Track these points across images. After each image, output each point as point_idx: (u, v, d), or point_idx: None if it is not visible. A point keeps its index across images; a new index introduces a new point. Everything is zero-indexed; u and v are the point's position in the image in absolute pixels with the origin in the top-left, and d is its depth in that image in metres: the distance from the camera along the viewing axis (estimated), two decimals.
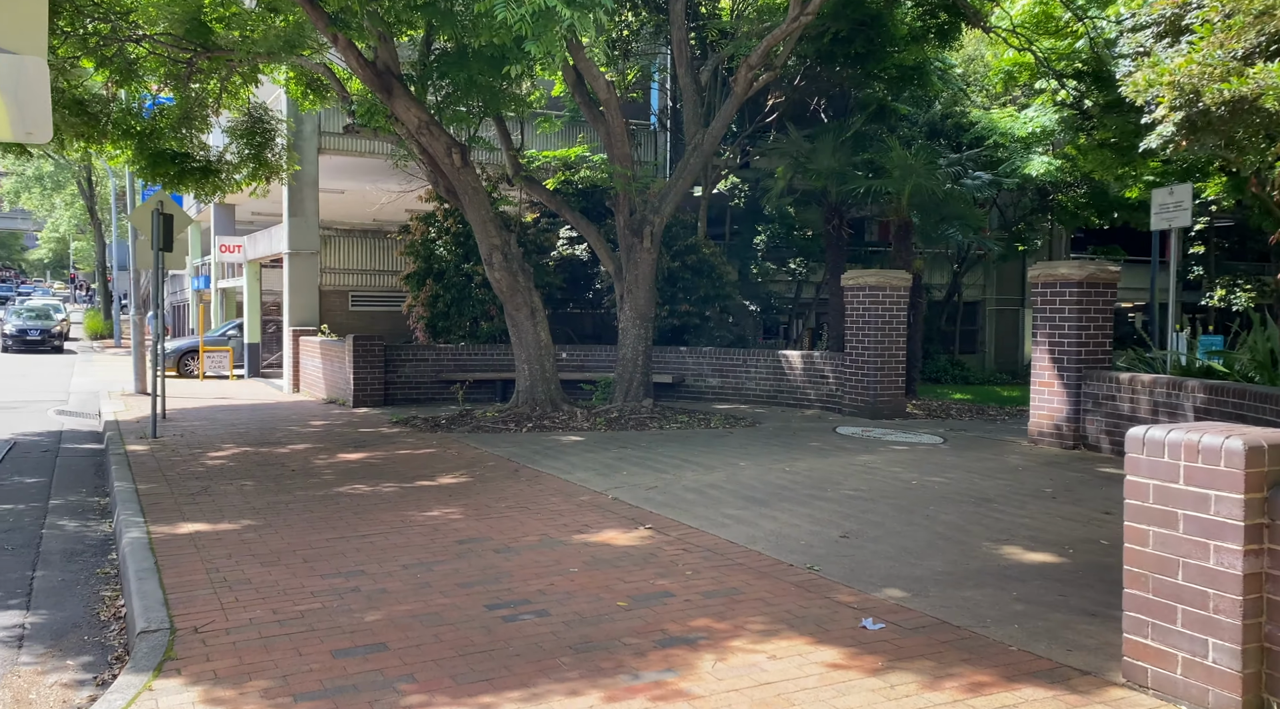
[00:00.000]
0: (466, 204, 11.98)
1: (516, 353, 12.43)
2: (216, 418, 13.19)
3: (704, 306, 16.23)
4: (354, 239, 20.13)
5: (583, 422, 11.70)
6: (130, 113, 14.55)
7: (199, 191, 15.24)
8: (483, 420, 11.83)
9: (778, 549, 6.05)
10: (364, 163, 20.19)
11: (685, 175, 12.68)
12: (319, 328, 18.49)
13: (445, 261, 16.08)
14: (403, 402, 15.05)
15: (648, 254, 12.62)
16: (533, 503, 7.42)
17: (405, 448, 10.27)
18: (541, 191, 13.73)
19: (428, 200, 16.65)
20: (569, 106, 19.31)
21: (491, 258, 12.03)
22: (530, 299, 12.27)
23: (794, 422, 12.46)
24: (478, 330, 16.23)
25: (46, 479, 8.99)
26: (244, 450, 10.13)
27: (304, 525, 6.65)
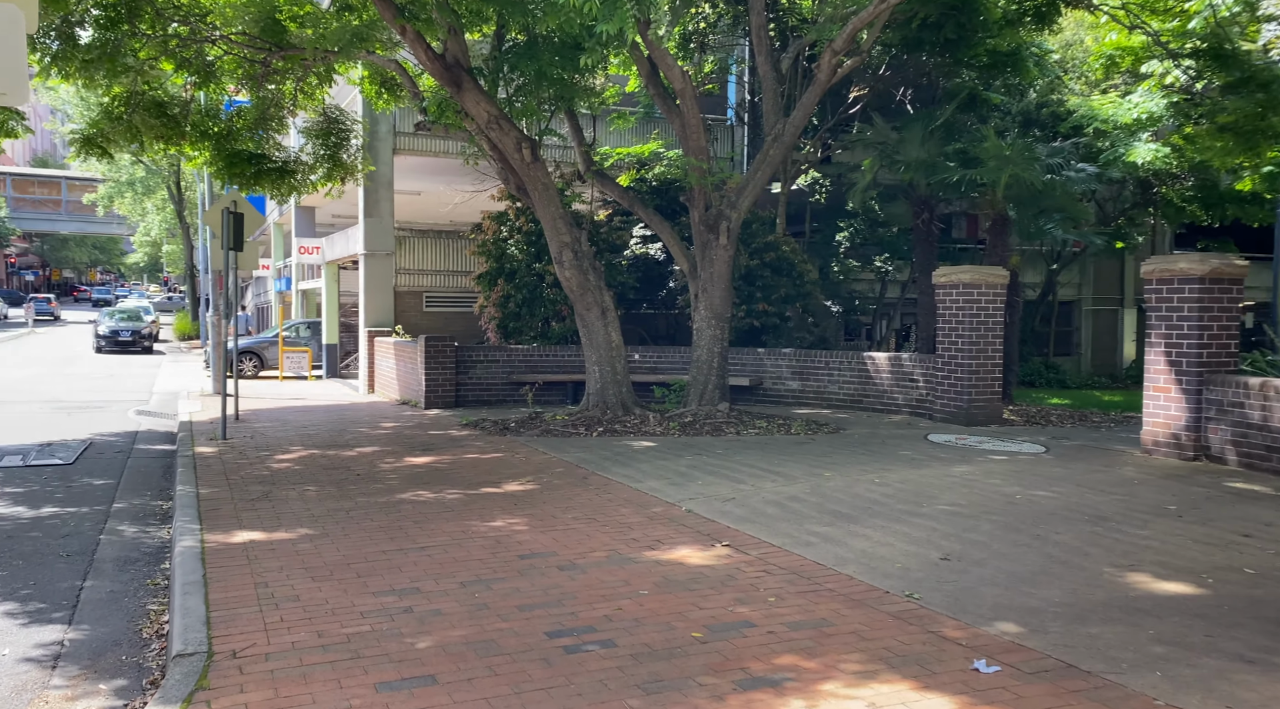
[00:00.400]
0: (536, 201, 11.61)
1: (587, 354, 12.01)
2: (288, 419, 13.11)
3: (783, 306, 15.58)
4: (429, 240, 20.05)
5: (655, 426, 11.21)
6: (208, 114, 14.64)
7: (274, 192, 15.27)
8: (552, 424, 11.44)
9: (871, 572, 5.45)
10: (438, 163, 20.10)
11: (764, 168, 12.08)
12: (393, 329, 18.44)
13: (517, 261, 15.79)
14: (474, 403, 14.80)
15: (724, 251, 12.06)
16: (601, 514, 6.95)
17: (472, 452, 9.93)
18: (613, 187, 13.29)
19: (500, 199, 16.39)
20: (643, 103, 18.87)
21: (561, 256, 11.64)
22: (601, 298, 11.83)
23: (881, 428, 11.74)
24: (549, 331, 15.90)
25: (115, 481, 8.90)
26: (311, 453, 9.92)
27: (362, 535, 6.30)
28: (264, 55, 13.45)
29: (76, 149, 13.27)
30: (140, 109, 13.79)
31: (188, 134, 14.42)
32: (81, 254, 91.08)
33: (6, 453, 10.16)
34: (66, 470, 9.40)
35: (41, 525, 7.05)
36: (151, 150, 14.58)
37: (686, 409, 11.97)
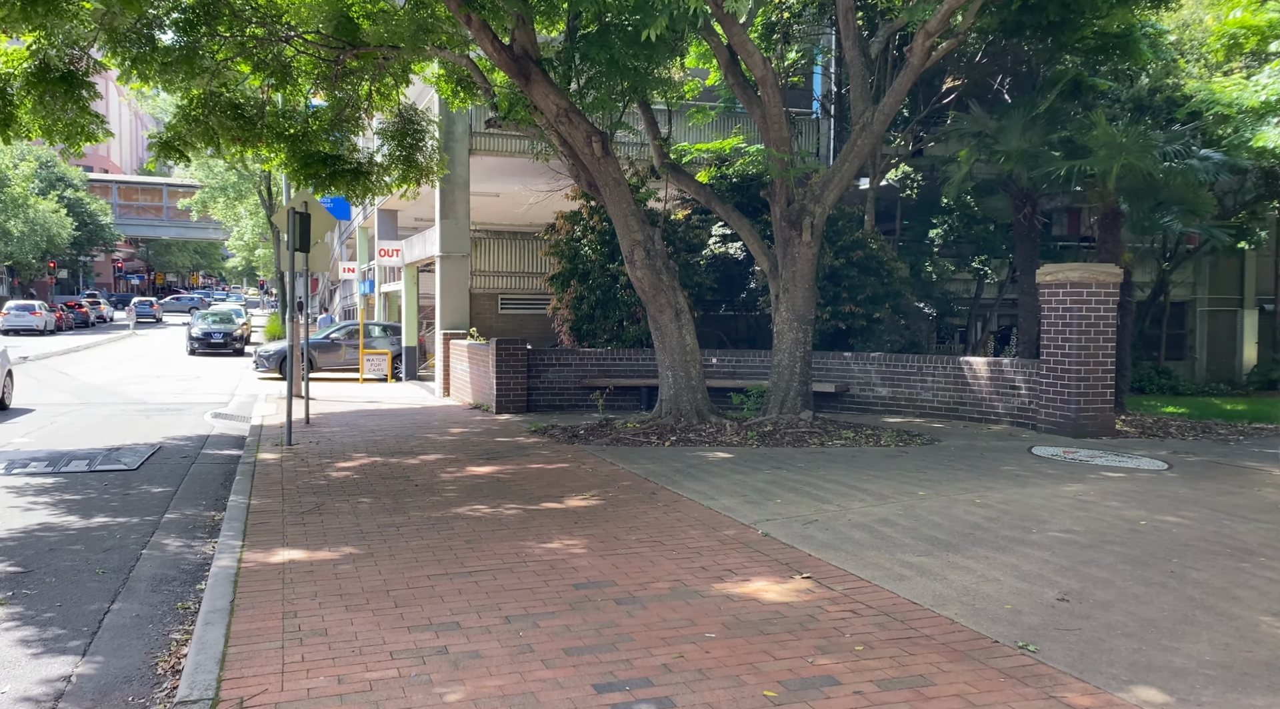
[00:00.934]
0: (607, 197, 11.07)
1: (659, 358, 11.40)
2: (358, 424, 12.87)
3: (871, 308, 14.69)
4: (504, 241, 19.76)
5: (732, 436, 10.53)
6: (284, 116, 14.55)
7: (349, 193, 15.09)
8: (622, 432, 10.86)
9: (976, 615, 4.70)
10: (514, 163, 19.79)
11: (851, 159, 11.28)
12: (468, 331, 18.18)
13: (590, 261, 15.29)
14: (545, 408, 14.35)
15: (807, 248, 11.31)
16: (668, 536, 6.33)
17: (538, 461, 9.42)
18: (689, 183, 12.66)
19: (574, 198, 15.93)
20: (724, 97, 18.20)
21: (633, 254, 11.06)
22: (674, 299, 11.21)
23: (979, 439, 10.82)
24: (623, 334, 15.36)
25: (173, 489, 8.68)
26: (373, 461, 9.57)
27: (408, 556, 5.82)
28: (337, 54, 13.28)
29: (155, 153, 13.29)
30: (217, 111, 13.76)
31: (263, 136, 14.34)
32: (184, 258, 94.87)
33: (74, 458, 10.10)
34: (128, 476, 9.25)
35: (87, 537, 6.79)
36: (228, 152, 14.56)
37: (766, 417, 11.25)
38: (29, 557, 6.23)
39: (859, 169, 11.73)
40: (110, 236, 60.74)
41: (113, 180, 70.25)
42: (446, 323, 18.42)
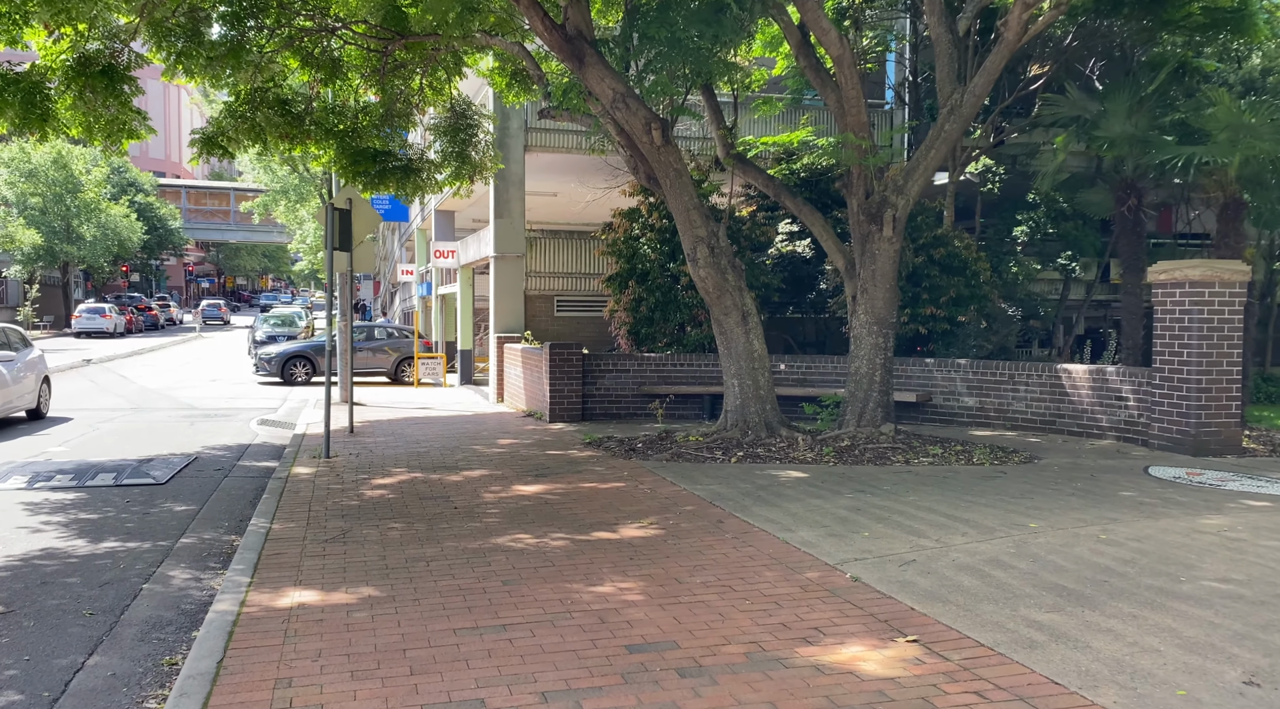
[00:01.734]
0: (667, 190, 10.15)
1: (724, 365, 10.44)
2: (404, 433, 12.17)
3: (954, 310, 13.53)
4: (560, 240, 18.98)
5: (805, 451, 9.52)
6: (333, 111, 13.96)
7: (399, 191, 14.47)
8: (684, 446, 9.93)
9: (1142, 705, 3.66)
10: (571, 160, 19.03)
11: (938, 146, 10.19)
12: (523, 334, 17.44)
13: (649, 261, 14.40)
14: (601, 416, 13.49)
15: (888, 245, 10.24)
16: (739, 578, 5.38)
17: (591, 479, 8.54)
18: (757, 175, 11.67)
19: (632, 194, 15.05)
20: (791, 87, 17.16)
21: (695, 252, 10.12)
22: (741, 301, 10.25)
23: (1084, 457, 9.63)
24: (684, 338, 14.43)
25: (198, 507, 8.01)
26: (413, 477, 8.80)
27: (434, 602, 4.98)
28: (385, 45, 12.63)
29: (198, 148, 12.78)
30: (263, 106, 13.21)
31: (311, 132, 13.78)
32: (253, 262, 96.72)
33: (103, 470, 9.54)
34: (154, 492, 8.62)
35: (88, 567, 6.11)
36: (275, 149, 14.00)
37: (843, 431, 10.21)
38: (15, 592, 5.56)
39: (946, 154, 10.62)
40: (179, 241, 61.86)
41: (182, 185, 71.71)
42: (501, 326, 17.72)
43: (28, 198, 45.09)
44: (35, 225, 44.25)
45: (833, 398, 11.13)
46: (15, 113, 10.95)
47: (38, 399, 13.55)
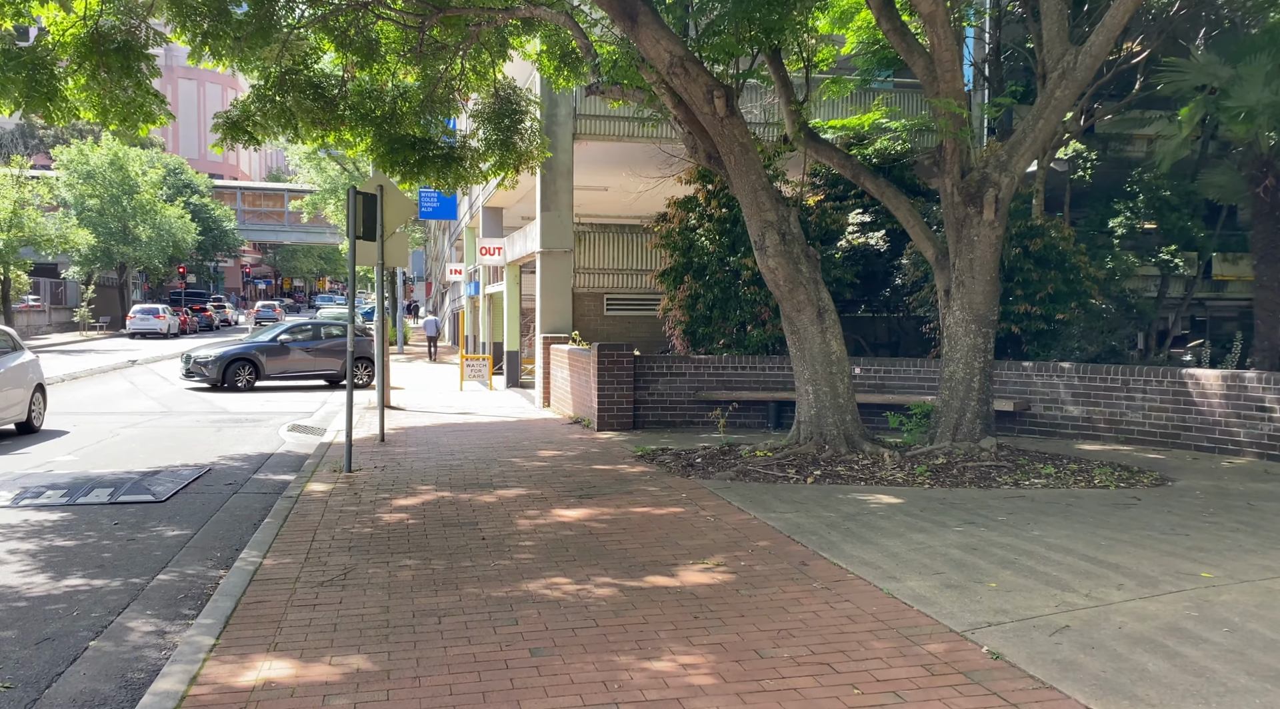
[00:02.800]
0: (732, 168, 8.87)
1: (797, 369, 9.13)
2: (439, 442, 11.07)
3: (1052, 308, 12.01)
4: (610, 234, 17.79)
5: (893, 470, 8.18)
6: (369, 96, 12.95)
7: (439, 182, 13.44)
8: (750, 462, 8.64)
9: None
10: (622, 150, 17.85)
11: (1048, 114, 8.75)
12: (570, 335, 16.30)
13: (707, 254, 13.13)
14: (654, 424, 12.26)
15: (989, 230, 8.84)
16: (839, 651, 4.10)
17: (643, 502, 7.31)
18: (831, 154, 10.33)
19: (688, 181, 13.80)
20: (861, 67, 15.78)
21: (764, 239, 8.82)
22: (816, 295, 8.93)
23: (1227, 479, 8.12)
24: (745, 338, 13.13)
25: (191, 532, 6.96)
26: (440, 496, 7.66)
27: (438, 683, 3.79)
28: (421, 20, 11.58)
29: (222, 133, 11.84)
30: (293, 89, 12.26)
31: (346, 118, 12.82)
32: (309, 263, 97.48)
33: (100, 485, 8.57)
34: (149, 512, 7.61)
35: (35, 614, 5.05)
36: (306, 136, 13.01)
37: (936, 446, 8.83)
38: None
39: (1054, 129, 9.18)
40: (233, 242, 62.21)
41: (237, 186, 72.29)
42: (547, 325, 16.60)
43: (86, 199, 45.42)
44: (92, 226, 44.53)
45: (921, 406, 9.73)
46: (19, 92, 10.10)
47: (28, 411, 12.06)
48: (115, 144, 46.31)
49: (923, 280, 13.34)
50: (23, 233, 35.26)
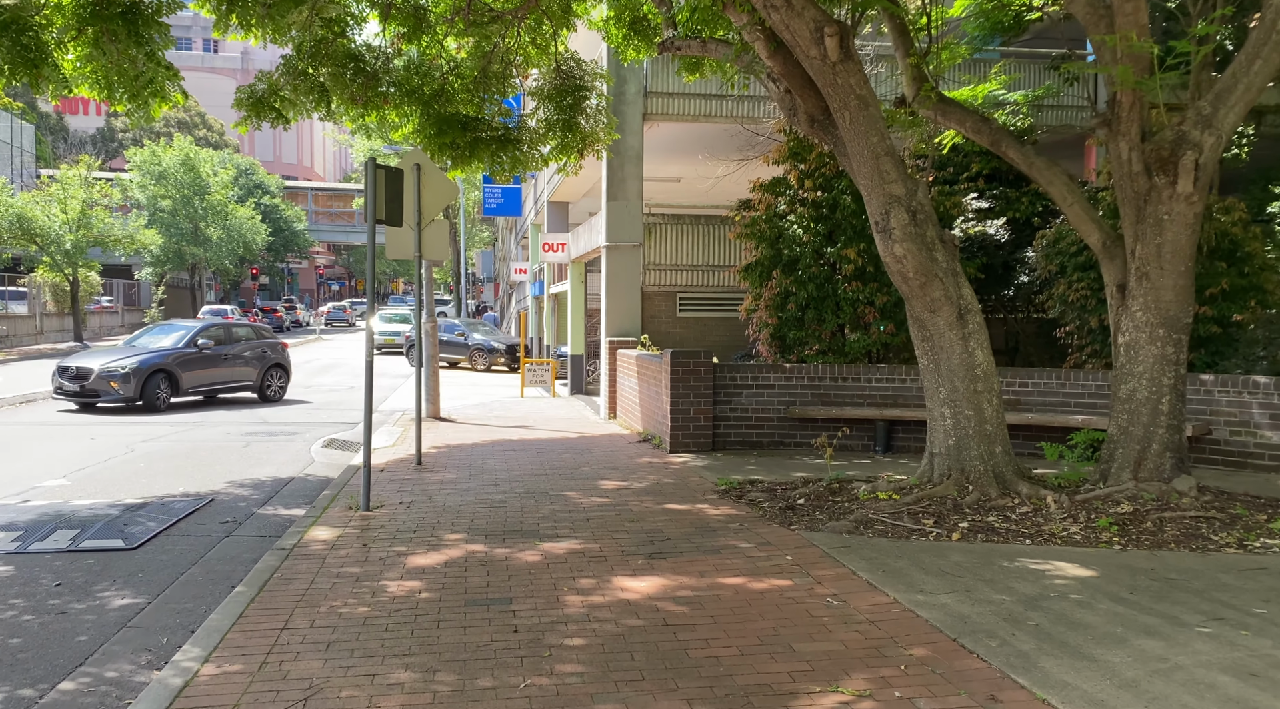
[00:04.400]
0: (846, 127, 6.94)
1: (929, 385, 7.16)
2: (484, 466, 9.39)
3: (1227, 307, 9.79)
4: (684, 226, 15.95)
5: (1063, 520, 6.18)
6: (416, 71, 11.38)
7: (493, 166, 11.83)
8: (870, 506, 6.70)
9: None
10: (698, 132, 16.02)
11: (1266, 53, 6.62)
12: (639, 338, 14.53)
13: (799, 244, 11.20)
14: (736, 445, 10.41)
15: (1186, 206, 6.75)
16: None
17: (735, 567, 5.47)
18: (966, 118, 8.30)
19: (776, 161, 11.88)
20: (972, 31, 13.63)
21: (888, 218, 6.87)
22: (956, 291, 6.95)
23: None
24: (843, 344, 11.16)
25: (145, 601, 5.36)
26: (470, 551, 5.93)
27: None
28: None
29: (246, 111, 10.35)
30: (329, 62, 10.75)
31: (389, 95, 11.27)
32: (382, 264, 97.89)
33: (67, 524, 7.07)
34: (111, 565, 6.06)
35: None
36: (346, 114, 11.48)
37: (1114, 488, 6.76)
38: None
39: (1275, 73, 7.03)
40: (304, 243, 62.18)
41: (308, 187, 72.56)
42: (613, 328, 14.85)
43: (159, 200, 45.45)
44: (164, 227, 44.51)
45: (1089, 434, 7.63)
46: (2, 58, 8.76)
47: None
48: (187, 144, 46.31)
49: (1058, 274, 11.23)
50: (91, 233, 35.04)
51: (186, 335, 16.37)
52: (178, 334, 16.54)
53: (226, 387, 16.66)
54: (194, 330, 16.58)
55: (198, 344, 16.23)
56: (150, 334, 17.01)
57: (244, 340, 17.25)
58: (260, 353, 17.28)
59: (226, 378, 16.64)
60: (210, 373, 16.36)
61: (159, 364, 15.36)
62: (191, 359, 16.02)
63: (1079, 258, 10.80)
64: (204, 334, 16.52)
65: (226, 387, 16.66)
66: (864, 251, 10.71)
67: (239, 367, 16.81)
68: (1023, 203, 13.09)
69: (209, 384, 16.38)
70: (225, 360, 16.58)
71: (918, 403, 10.19)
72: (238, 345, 16.94)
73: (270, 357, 17.44)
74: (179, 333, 16.58)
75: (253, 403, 16.61)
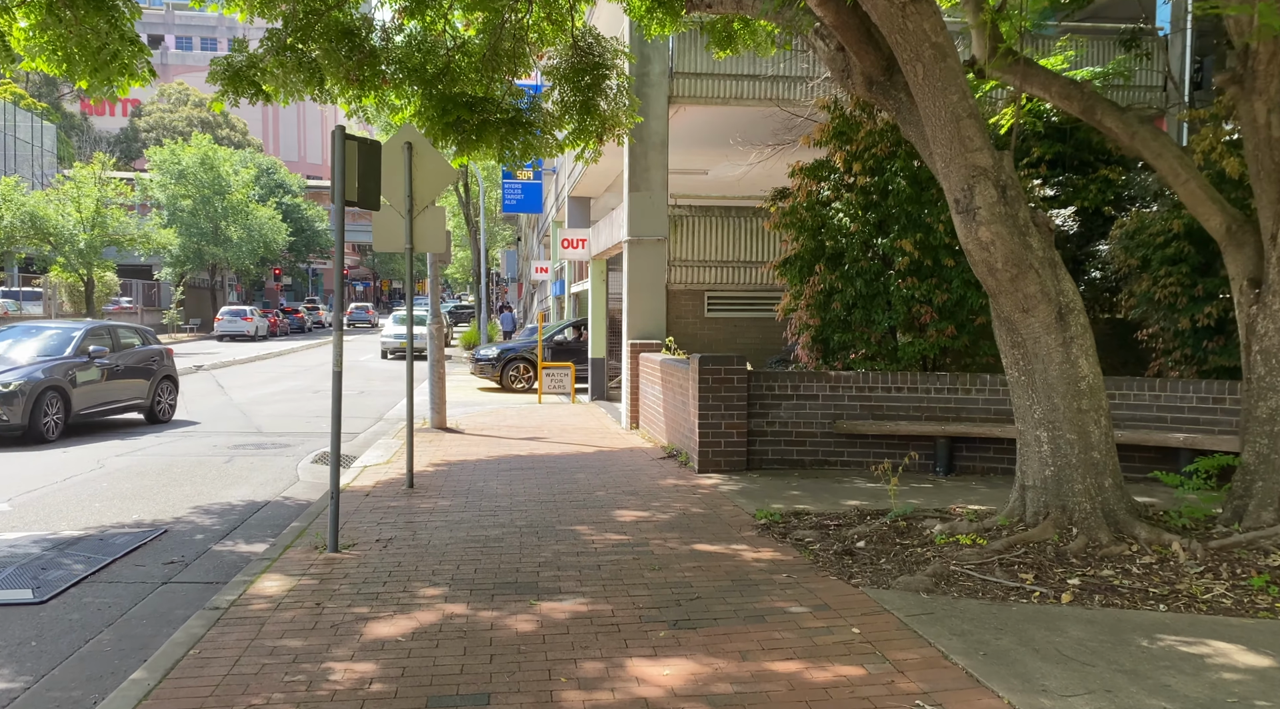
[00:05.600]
0: (918, 82, 5.62)
1: (1019, 401, 5.84)
2: (484, 490, 8.17)
3: None
4: (713, 219, 14.66)
5: (1200, 575, 4.85)
6: (418, 48, 10.23)
7: (503, 152, 10.65)
8: (950, 553, 5.39)
9: None
10: (729, 117, 14.74)
11: None
12: (663, 341, 13.29)
13: (846, 234, 9.88)
14: (774, 464, 9.13)
15: None
16: None
17: (784, 644, 4.21)
18: (1051, 81, 6.96)
19: (818, 142, 10.56)
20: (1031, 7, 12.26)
21: (972, 195, 5.55)
22: (1055, 286, 5.62)
23: None
24: (896, 349, 9.84)
25: (24, 686, 4.19)
26: (447, 615, 4.71)
27: None
28: None
29: (222, 86, 9.22)
30: (320, 37, 9.62)
31: (387, 74, 10.13)
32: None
33: None
34: (5, 624, 4.90)
35: None
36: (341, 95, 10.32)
37: (1258, 531, 5.40)
38: None
39: None
40: (326, 243, 61.49)
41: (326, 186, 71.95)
42: (635, 329, 13.61)
43: (179, 200, 44.83)
44: (184, 227, 43.89)
45: (1215, 461, 6.25)
46: None
47: None
48: (206, 143, 45.65)
49: (1139, 269, 9.85)
50: (105, 233, 34.35)
51: (70, 340, 12.62)
52: (51, 338, 12.71)
53: (116, 406, 13.16)
54: (78, 334, 12.79)
55: (89, 352, 12.65)
56: (9, 337, 12.93)
57: (135, 348, 13.81)
58: (151, 363, 13.94)
59: (118, 395, 13.12)
60: (103, 389, 12.81)
61: (48, 380, 11.74)
62: (81, 371, 12.39)
63: (1167, 250, 9.43)
64: (92, 338, 12.89)
65: (116, 406, 13.16)
66: (920, 243, 9.40)
67: (132, 379, 13.38)
68: (1091, 191, 11.71)
69: (101, 404, 12.82)
70: (118, 373, 13.10)
71: (984, 417, 8.86)
72: (129, 354, 13.52)
73: (161, 367, 14.13)
74: (51, 336, 12.79)
75: None
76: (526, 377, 19.95)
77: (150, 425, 13.49)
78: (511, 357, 20.31)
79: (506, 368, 20.09)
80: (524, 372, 19.99)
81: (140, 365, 13.67)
